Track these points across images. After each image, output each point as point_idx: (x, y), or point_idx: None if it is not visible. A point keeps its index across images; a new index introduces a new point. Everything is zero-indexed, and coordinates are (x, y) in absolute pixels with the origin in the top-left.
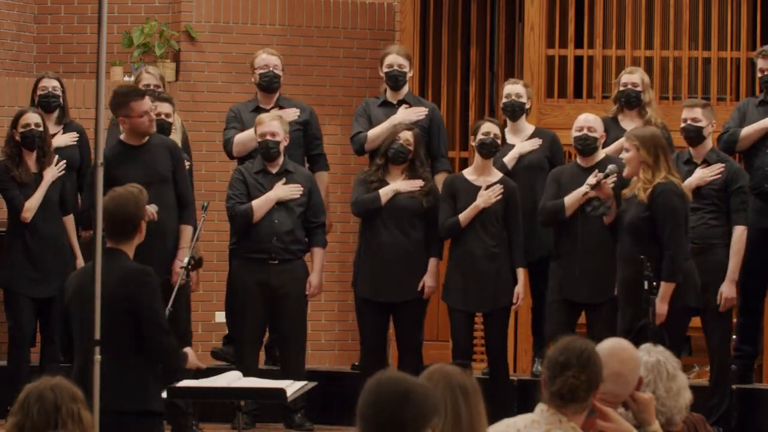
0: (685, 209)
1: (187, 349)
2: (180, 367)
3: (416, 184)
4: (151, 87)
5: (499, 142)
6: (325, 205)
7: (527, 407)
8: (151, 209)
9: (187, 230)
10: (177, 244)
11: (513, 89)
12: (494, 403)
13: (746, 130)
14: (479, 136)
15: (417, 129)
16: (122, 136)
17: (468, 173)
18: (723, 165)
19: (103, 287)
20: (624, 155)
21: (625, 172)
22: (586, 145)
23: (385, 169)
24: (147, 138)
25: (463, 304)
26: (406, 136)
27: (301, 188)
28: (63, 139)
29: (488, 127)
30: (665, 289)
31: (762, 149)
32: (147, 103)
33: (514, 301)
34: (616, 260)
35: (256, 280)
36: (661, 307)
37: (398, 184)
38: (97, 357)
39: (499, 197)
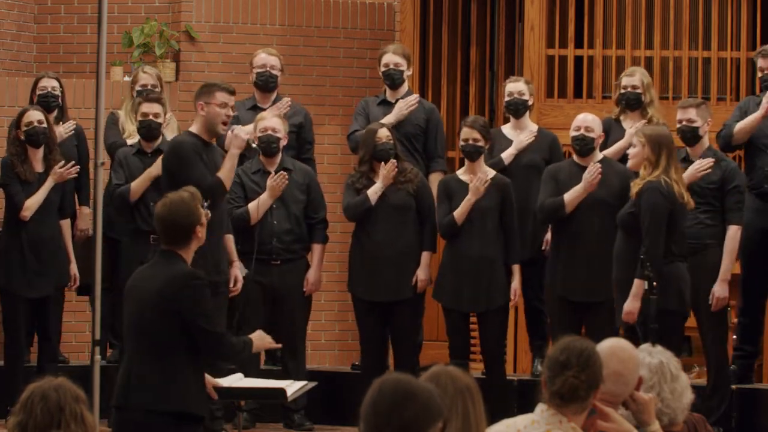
0: (668, 209)
1: (255, 336)
2: (235, 359)
3: (391, 166)
4: (149, 87)
5: (480, 144)
6: None
7: (527, 407)
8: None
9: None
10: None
11: (515, 87)
12: (491, 403)
13: (740, 124)
14: (460, 143)
15: (385, 123)
16: (193, 129)
17: (461, 174)
18: (713, 160)
19: (152, 286)
20: (631, 150)
21: (629, 164)
22: (583, 146)
23: (372, 172)
24: (214, 140)
25: (456, 303)
26: (384, 133)
27: (285, 174)
28: (58, 132)
29: (466, 133)
30: (637, 286)
31: (762, 149)
32: (232, 101)
33: (511, 297)
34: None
35: (257, 281)
36: (632, 304)
37: (381, 180)
38: (97, 357)
39: (487, 184)
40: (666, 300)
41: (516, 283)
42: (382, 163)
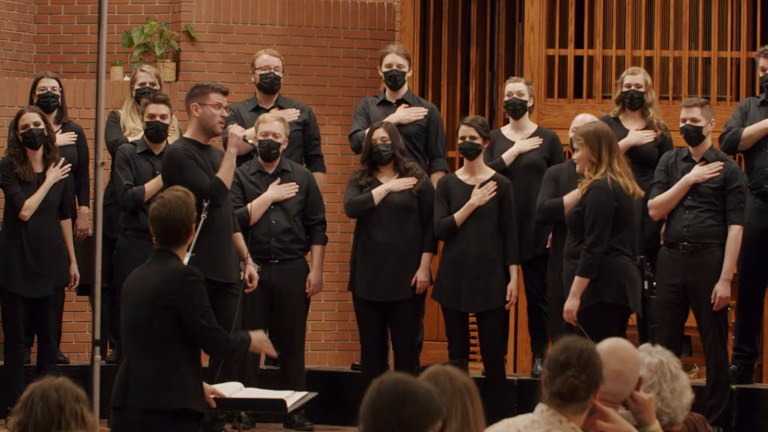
0: (613, 206)
1: (255, 336)
2: (230, 356)
3: (409, 182)
4: (147, 85)
5: (477, 142)
6: None
7: (527, 407)
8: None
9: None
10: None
11: (514, 87)
12: (491, 403)
13: (748, 130)
14: (458, 140)
15: (389, 122)
16: (188, 134)
17: (460, 173)
18: (722, 163)
19: (147, 285)
20: (575, 155)
21: (577, 169)
22: None
23: (374, 171)
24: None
25: (455, 303)
26: (381, 134)
27: (297, 186)
28: (61, 139)
29: (463, 131)
30: (577, 284)
31: (762, 149)
32: (225, 101)
33: (508, 299)
34: None
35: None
36: (570, 302)
37: (391, 184)
38: (97, 357)
39: (494, 194)
40: (604, 293)
41: (513, 285)
42: (397, 173)
